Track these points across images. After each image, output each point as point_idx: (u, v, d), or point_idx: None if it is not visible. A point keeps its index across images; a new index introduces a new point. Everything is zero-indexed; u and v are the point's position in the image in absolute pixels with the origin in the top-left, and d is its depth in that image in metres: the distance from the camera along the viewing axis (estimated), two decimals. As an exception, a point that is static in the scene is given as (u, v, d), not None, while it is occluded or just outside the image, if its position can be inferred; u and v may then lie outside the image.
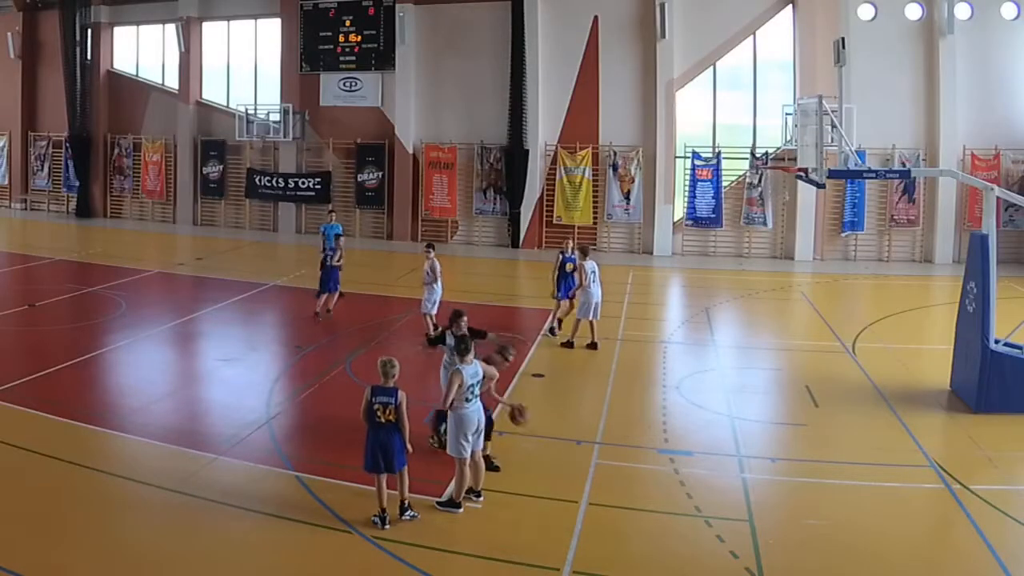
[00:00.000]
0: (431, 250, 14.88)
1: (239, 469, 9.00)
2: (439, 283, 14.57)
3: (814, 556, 7.44)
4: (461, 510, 8.02)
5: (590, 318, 14.12)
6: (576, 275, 14.36)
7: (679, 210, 25.06)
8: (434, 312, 14.50)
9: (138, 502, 8.26)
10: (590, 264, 14.17)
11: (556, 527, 7.79)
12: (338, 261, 16.01)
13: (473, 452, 8.14)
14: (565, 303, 14.84)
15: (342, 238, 16.67)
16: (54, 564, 6.99)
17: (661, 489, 8.77)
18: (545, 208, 25.62)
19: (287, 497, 8.37)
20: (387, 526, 7.65)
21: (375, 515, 7.70)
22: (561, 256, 14.96)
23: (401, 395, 7.72)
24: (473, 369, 8.05)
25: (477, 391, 8.05)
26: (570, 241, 15.82)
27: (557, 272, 14.91)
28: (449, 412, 8.07)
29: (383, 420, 7.66)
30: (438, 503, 8.15)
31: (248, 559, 7.30)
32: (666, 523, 8.06)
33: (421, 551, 7.29)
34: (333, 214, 18.95)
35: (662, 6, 24.01)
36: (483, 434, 8.20)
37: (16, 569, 6.75)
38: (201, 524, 7.83)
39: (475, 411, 8.03)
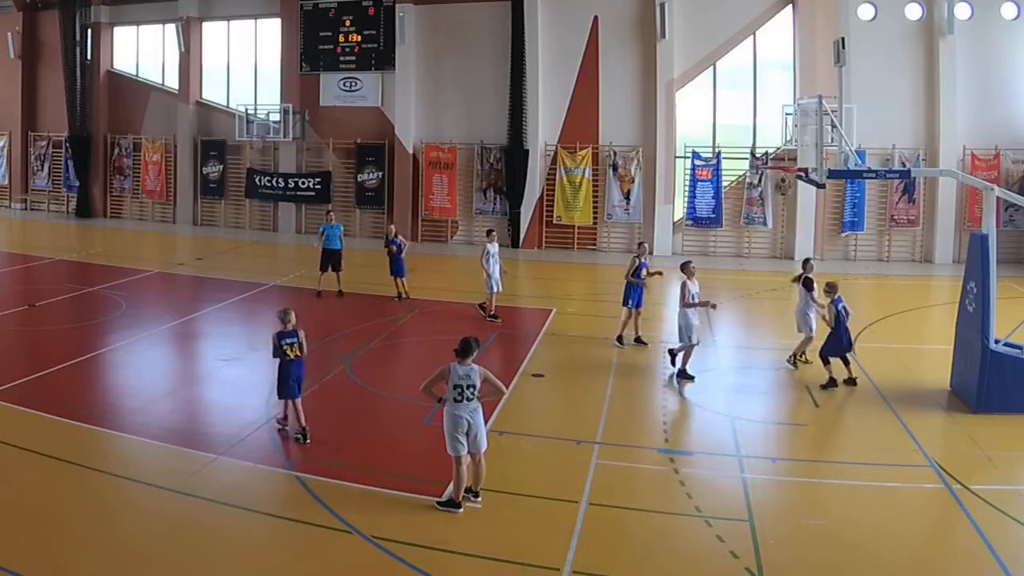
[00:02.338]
0: (489, 236, 16.43)
1: (239, 469, 9.01)
2: (489, 267, 15.75)
3: (814, 556, 7.44)
4: (461, 510, 8.02)
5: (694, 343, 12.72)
6: (682, 292, 12.69)
7: (679, 210, 25.07)
8: (496, 291, 15.85)
9: (138, 502, 8.27)
10: (694, 283, 12.72)
11: (556, 527, 7.79)
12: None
13: (473, 454, 8.13)
14: (626, 312, 14.33)
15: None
16: (54, 564, 6.99)
17: (661, 489, 8.78)
18: (545, 208, 25.62)
19: (287, 497, 8.39)
20: (307, 440, 9.64)
21: (297, 433, 9.71)
22: (637, 261, 14.33)
23: (302, 334, 9.82)
24: (465, 371, 8.01)
25: (468, 394, 8.00)
26: (646, 244, 15.19)
27: (628, 278, 14.27)
28: (444, 409, 8.10)
29: (292, 356, 9.67)
30: (438, 503, 8.15)
31: (248, 559, 7.30)
32: (666, 523, 8.06)
33: (421, 551, 7.29)
34: (331, 214, 19.07)
35: (662, 6, 24.01)
36: (482, 436, 8.20)
37: (16, 569, 6.75)
38: (201, 524, 7.83)
39: (466, 412, 8.00)
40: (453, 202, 26.38)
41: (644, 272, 14.31)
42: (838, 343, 12.21)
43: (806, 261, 13.67)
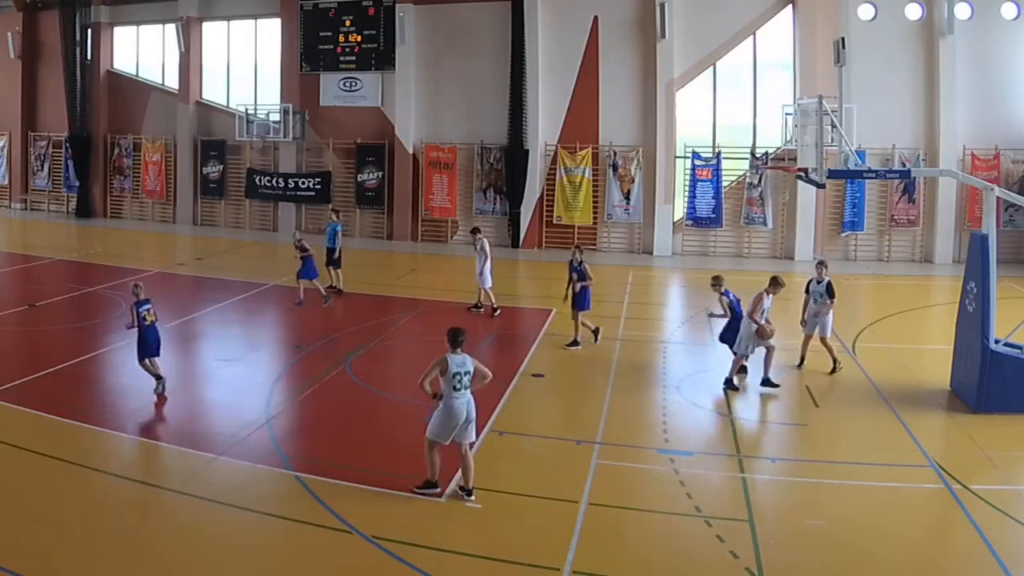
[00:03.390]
0: (475, 233, 17.10)
1: (239, 469, 9.00)
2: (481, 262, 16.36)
3: (814, 556, 7.44)
4: (438, 489, 8.20)
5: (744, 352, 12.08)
6: (754, 302, 11.97)
7: (679, 210, 25.06)
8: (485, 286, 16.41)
9: (138, 502, 8.27)
10: (769, 298, 12.03)
11: (556, 527, 7.79)
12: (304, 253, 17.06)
13: (460, 445, 8.24)
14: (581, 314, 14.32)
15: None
16: (54, 564, 6.99)
17: (661, 489, 8.78)
18: (545, 208, 25.62)
19: (287, 497, 8.38)
20: (164, 392, 11.01)
21: (159, 388, 11.05)
22: (569, 262, 14.54)
23: (152, 302, 11.31)
24: (461, 359, 8.14)
25: (466, 382, 8.12)
26: (576, 248, 14.87)
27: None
28: (440, 402, 8.16)
29: (149, 321, 11.12)
30: (415, 488, 8.30)
31: (248, 559, 7.29)
32: (666, 523, 8.06)
33: (421, 551, 7.29)
34: (331, 213, 19.28)
35: (662, 6, 24.01)
36: (472, 427, 8.28)
37: (16, 569, 6.75)
38: (201, 524, 7.84)
39: (463, 403, 8.13)
40: (453, 202, 26.37)
41: (574, 276, 14.25)
42: (734, 333, 12.39)
43: (820, 263, 13.42)
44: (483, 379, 8.37)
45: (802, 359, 13.14)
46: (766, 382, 11.92)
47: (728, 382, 12.05)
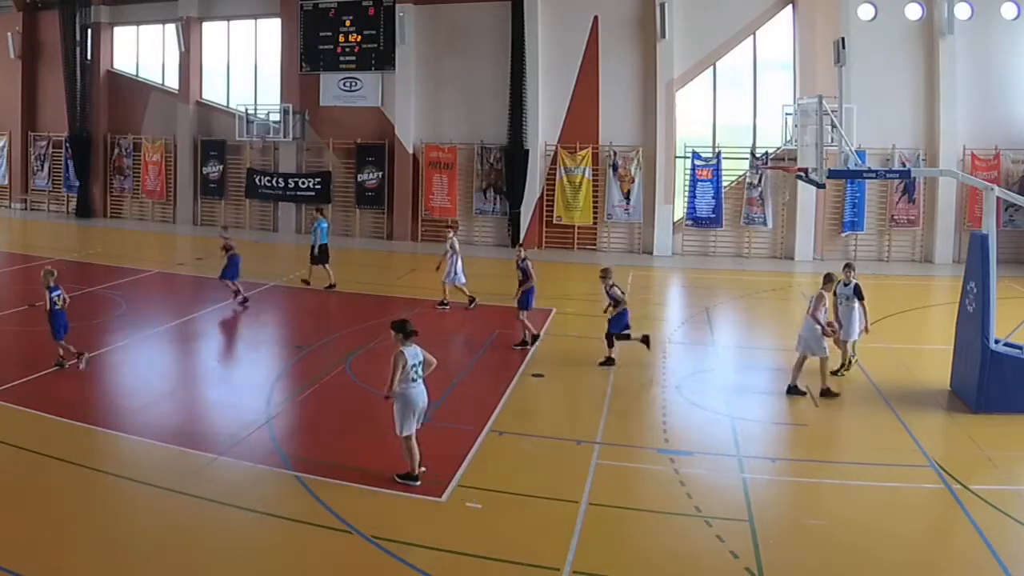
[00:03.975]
0: (451, 230, 17.47)
1: (239, 469, 9.00)
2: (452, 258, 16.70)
3: (814, 556, 7.44)
4: (419, 483, 8.40)
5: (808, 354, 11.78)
6: (816, 302, 11.62)
7: (679, 210, 25.07)
8: (455, 283, 16.78)
9: (138, 502, 8.27)
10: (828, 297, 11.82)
11: (556, 527, 7.79)
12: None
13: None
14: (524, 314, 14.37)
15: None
16: (54, 564, 6.99)
17: (661, 489, 8.78)
18: (545, 208, 25.62)
19: (287, 497, 8.38)
20: (84, 365, 12.08)
21: (76, 361, 12.06)
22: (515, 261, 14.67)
23: (61, 288, 12.10)
24: (414, 351, 8.34)
25: (420, 372, 8.36)
26: (519, 248, 15.29)
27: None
28: (396, 394, 8.33)
29: (60, 305, 11.97)
30: (397, 476, 8.51)
31: (248, 559, 7.30)
32: (666, 523, 8.07)
33: (421, 551, 7.30)
34: (318, 212, 19.62)
35: (662, 6, 24.01)
36: (422, 415, 8.51)
37: (16, 569, 6.76)
38: (201, 524, 7.84)
39: (419, 392, 8.39)
40: (453, 202, 26.36)
41: (519, 275, 14.55)
42: (622, 322, 13.00)
43: (847, 265, 13.18)
44: (429, 367, 8.57)
45: (847, 361, 12.85)
46: (792, 390, 11.75)
47: (792, 388, 11.72)
